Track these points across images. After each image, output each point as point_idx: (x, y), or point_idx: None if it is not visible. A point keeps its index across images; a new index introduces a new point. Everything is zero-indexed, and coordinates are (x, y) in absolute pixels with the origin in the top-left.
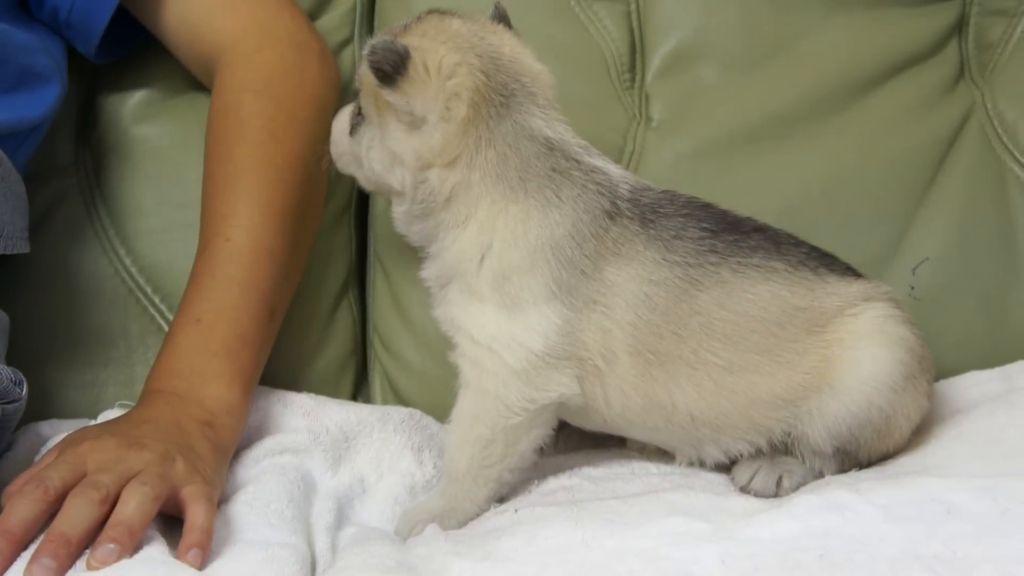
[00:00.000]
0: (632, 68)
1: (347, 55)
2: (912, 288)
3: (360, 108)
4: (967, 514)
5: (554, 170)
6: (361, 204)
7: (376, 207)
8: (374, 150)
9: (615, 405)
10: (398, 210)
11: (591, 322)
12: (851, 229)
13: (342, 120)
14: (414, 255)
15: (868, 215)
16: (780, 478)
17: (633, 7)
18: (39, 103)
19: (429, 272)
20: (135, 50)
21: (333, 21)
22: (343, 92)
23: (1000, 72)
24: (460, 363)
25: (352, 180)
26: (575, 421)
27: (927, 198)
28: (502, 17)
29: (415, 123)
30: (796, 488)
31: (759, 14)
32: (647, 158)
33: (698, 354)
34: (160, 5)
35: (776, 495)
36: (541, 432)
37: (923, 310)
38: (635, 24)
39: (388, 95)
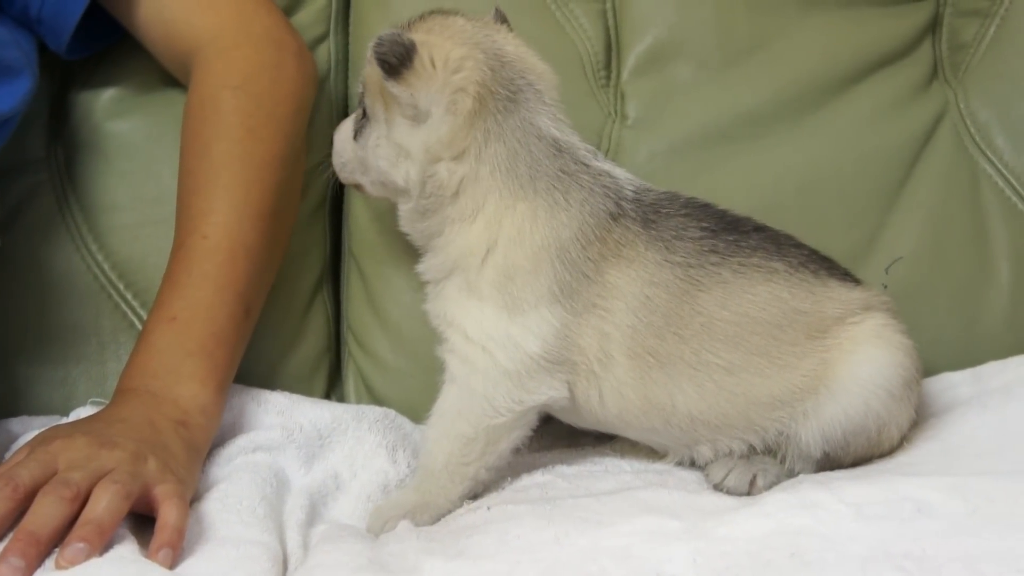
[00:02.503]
0: (608, 66)
1: (322, 51)
2: (885, 287)
3: (364, 111)
4: (937, 512)
5: (563, 172)
6: (336, 201)
7: (351, 204)
8: (381, 147)
9: (612, 407)
10: (404, 208)
11: (589, 325)
12: (825, 228)
13: (344, 129)
14: (389, 252)
15: (842, 214)
16: (754, 477)
17: (609, 5)
18: (9, 97)
19: (427, 266)
20: (107, 47)
21: (308, 17)
22: (320, 89)
23: (973, 72)
24: (448, 359)
25: (328, 176)
26: (566, 419)
27: (900, 198)
28: (502, 20)
29: (419, 116)
30: (770, 487)
31: (734, 13)
32: (622, 156)
33: (699, 355)
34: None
35: (749, 493)
36: (522, 433)
37: (896, 309)
38: (611, 23)
39: (392, 87)
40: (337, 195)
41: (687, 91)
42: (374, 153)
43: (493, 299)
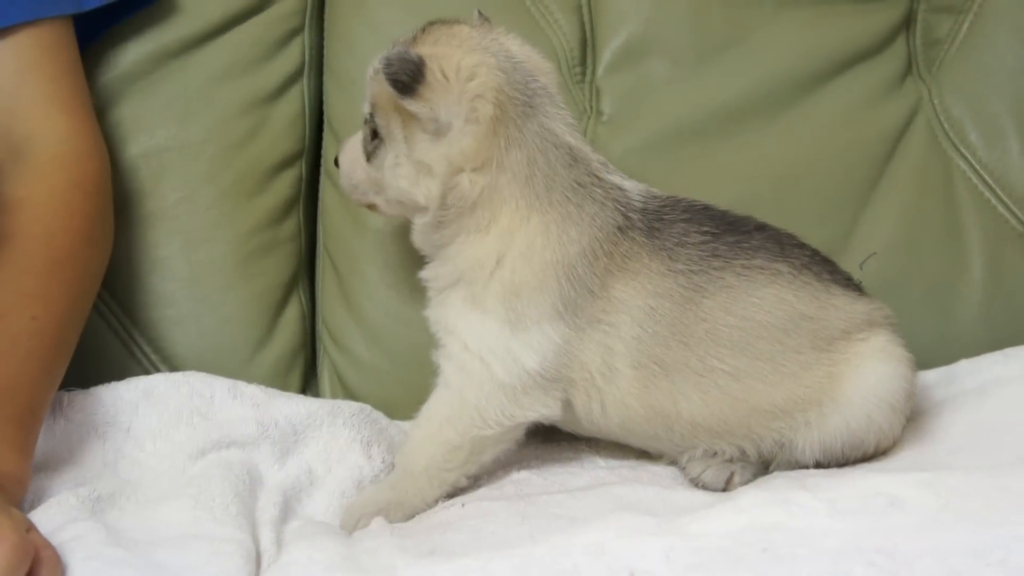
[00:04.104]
0: (583, 62)
1: (296, 44)
2: (860, 282)
3: (374, 132)
4: (909, 507)
5: (577, 184)
6: (311, 197)
7: (325, 201)
8: (401, 166)
9: (614, 417)
10: (419, 222)
11: (592, 340)
12: (799, 224)
13: (352, 150)
14: (364, 250)
15: (816, 210)
16: (732, 474)
17: (584, 1)
18: None
19: (433, 273)
20: None
21: (284, 9)
22: (293, 83)
23: (947, 68)
24: (443, 364)
25: (299, 170)
26: (564, 428)
27: (874, 193)
28: (485, 22)
29: (440, 130)
30: (746, 484)
31: (709, 9)
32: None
33: (705, 361)
34: None
35: (725, 490)
36: (507, 447)
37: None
38: (586, 18)
39: (410, 105)
40: (312, 191)
41: (662, 87)
42: (393, 173)
43: (497, 313)
